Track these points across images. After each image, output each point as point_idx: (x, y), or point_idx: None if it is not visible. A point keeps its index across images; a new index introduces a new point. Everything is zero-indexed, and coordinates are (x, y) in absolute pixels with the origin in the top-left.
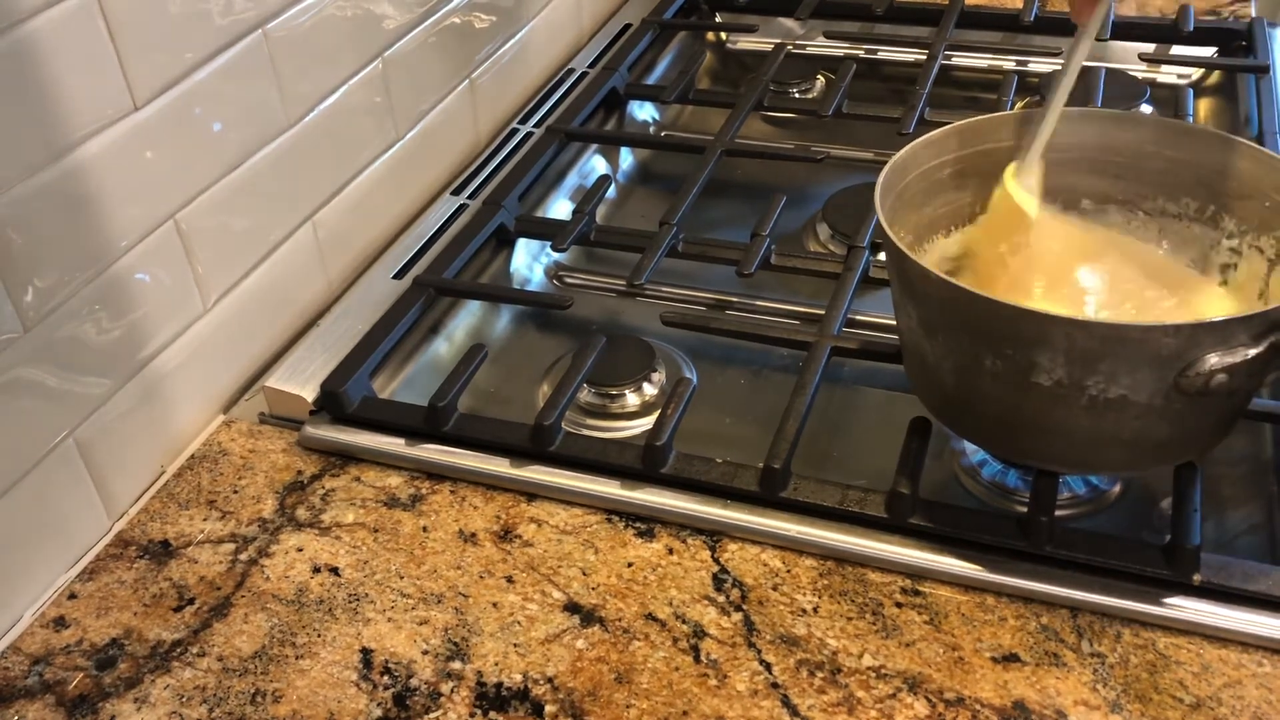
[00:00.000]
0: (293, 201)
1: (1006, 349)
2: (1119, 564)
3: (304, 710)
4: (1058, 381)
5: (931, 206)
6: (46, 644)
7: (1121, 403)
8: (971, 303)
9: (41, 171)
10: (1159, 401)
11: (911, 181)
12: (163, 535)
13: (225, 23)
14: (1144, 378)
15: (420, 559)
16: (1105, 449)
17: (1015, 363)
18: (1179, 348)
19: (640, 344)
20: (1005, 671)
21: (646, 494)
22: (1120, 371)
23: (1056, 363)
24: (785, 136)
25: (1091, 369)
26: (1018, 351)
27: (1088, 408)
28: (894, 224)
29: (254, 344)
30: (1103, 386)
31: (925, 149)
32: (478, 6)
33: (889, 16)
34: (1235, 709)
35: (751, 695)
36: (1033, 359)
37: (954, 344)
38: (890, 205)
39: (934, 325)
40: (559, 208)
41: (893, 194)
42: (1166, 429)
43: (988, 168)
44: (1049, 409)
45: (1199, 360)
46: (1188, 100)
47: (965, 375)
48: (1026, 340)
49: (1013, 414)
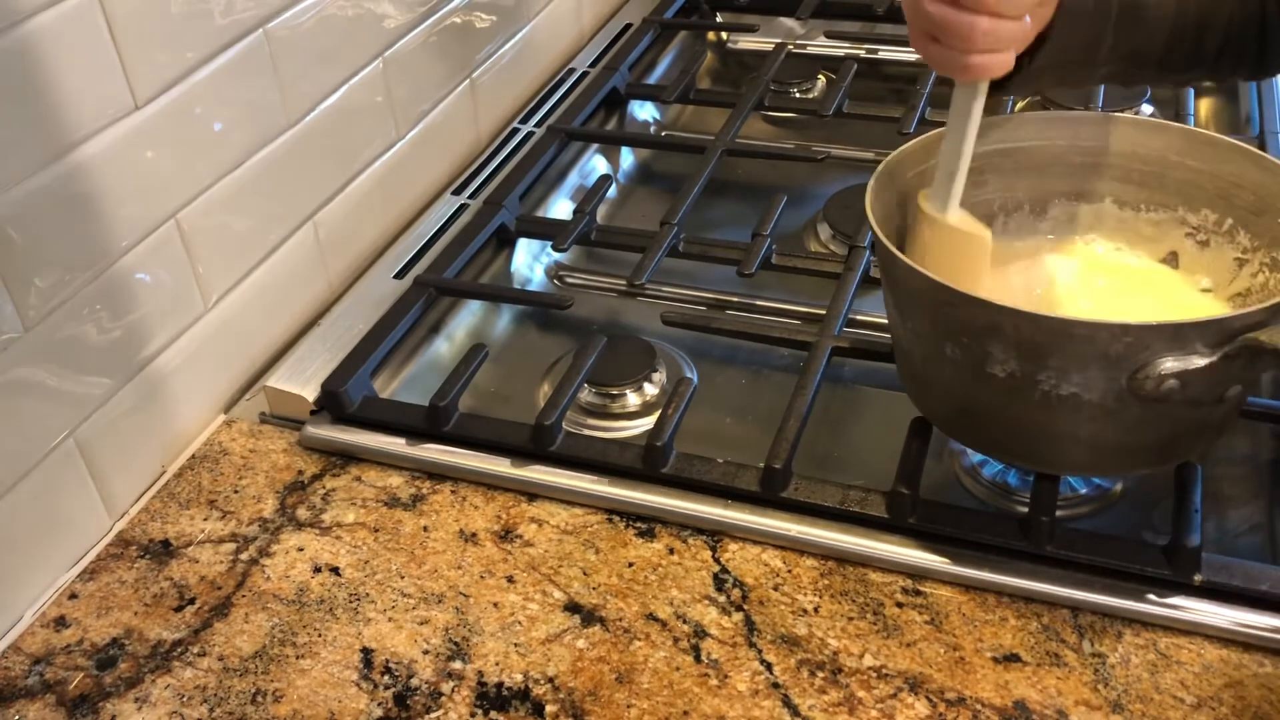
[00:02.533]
0: (293, 201)
1: (963, 338)
2: (1120, 564)
3: (304, 710)
4: (1011, 374)
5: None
6: (47, 644)
7: (1075, 401)
8: (933, 289)
9: (42, 171)
10: (1113, 403)
11: (909, 181)
12: (163, 535)
13: (226, 22)
14: (1094, 377)
15: (421, 559)
16: (1063, 447)
17: (972, 352)
18: (1128, 349)
19: (641, 344)
20: (1006, 671)
21: (647, 494)
22: (1070, 368)
23: (1009, 354)
24: (786, 136)
25: (1042, 363)
26: (973, 341)
27: (1041, 403)
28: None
29: (254, 344)
30: (1054, 382)
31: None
32: (478, 6)
33: (890, 16)
34: (1236, 709)
35: (752, 695)
36: (986, 349)
37: (921, 331)
38: (884, 200)
39: (906, 312)
40: (559, 207)
41: (890, 189)
42: (1126, 433)
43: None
44: (1005, 402)
45: (1151, 364)
46: (1188, 100)
47: (930, 364)
48: (979, 329)
49: (974, 404)
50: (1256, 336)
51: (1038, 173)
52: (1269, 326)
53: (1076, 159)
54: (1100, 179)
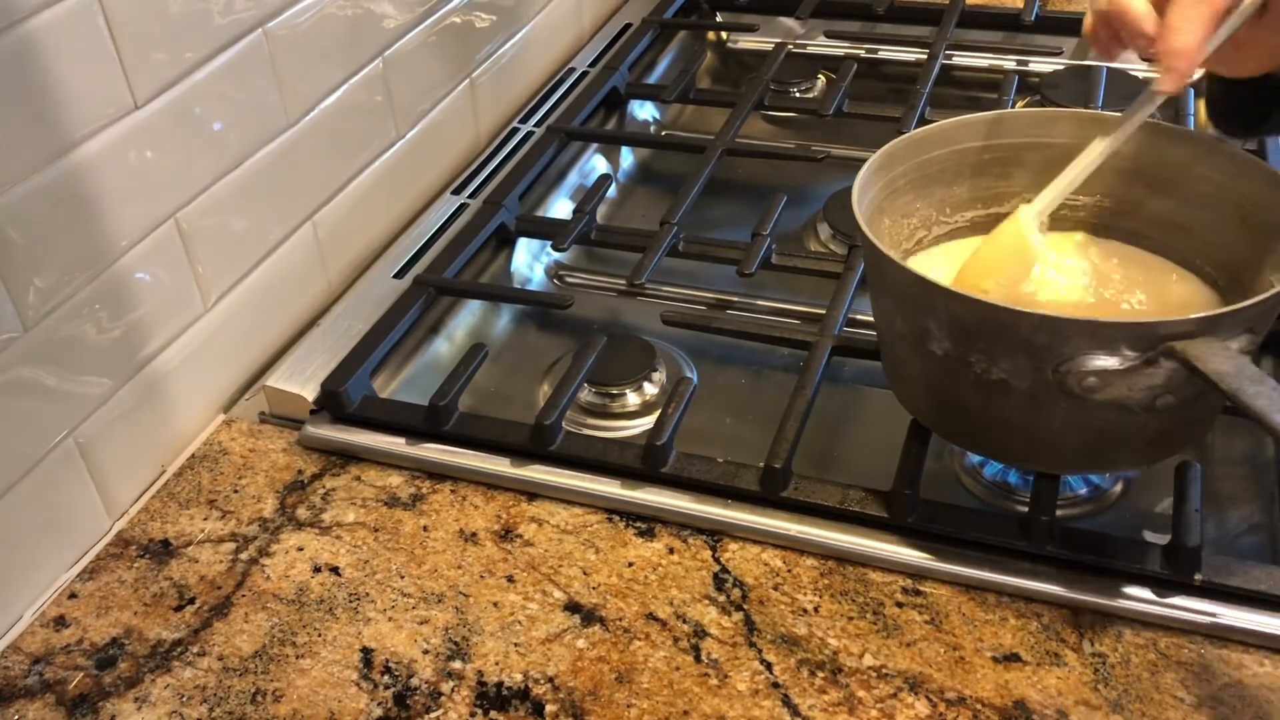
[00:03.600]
0: (293, 201)
1: (908, 312)
2: (1120, 564)
3: (304, 710)
4: (946, 352)
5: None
6: (47, 643)
7: (1005, 387)
8: (885, 266)
9: (42, 171)
10: (1042, 395)
11: (897, 175)
12: (163, 535)
13: (225, 22)
14: (1021, 364)
15: (421, 558)
16: (997, 433)
17: (915, 328)
18: (1050, 340)
19: (641, 343)
20: (1006, 671)
21: (647, 493)
22: (999, 353)
23: (943, 333)
24: (786, 136)
25: (971, 345)
26: (915, 316)
27: (975, 386)
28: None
29: (254, 343)
30: (985, 366)
31: (908, 146)
32: (478, 6)
33: (890, 16)
34: (1236, 709)
35: (752, 695)
36: (925, 325)
37: (882, 307)
38: (873, 197)
39: (875, 290)
40: (559, 207)
41: (878, 184)
42: (1058, 428)
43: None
44: (944, 379)
45: (1074, 359)
46: (1188, 100)
47: (887, 341)
48: (918, 305)
49: (921, 381)
50: (1174, 345)
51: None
52: (1199, 338)
53: (1107, 160)
54: (1129, 184)
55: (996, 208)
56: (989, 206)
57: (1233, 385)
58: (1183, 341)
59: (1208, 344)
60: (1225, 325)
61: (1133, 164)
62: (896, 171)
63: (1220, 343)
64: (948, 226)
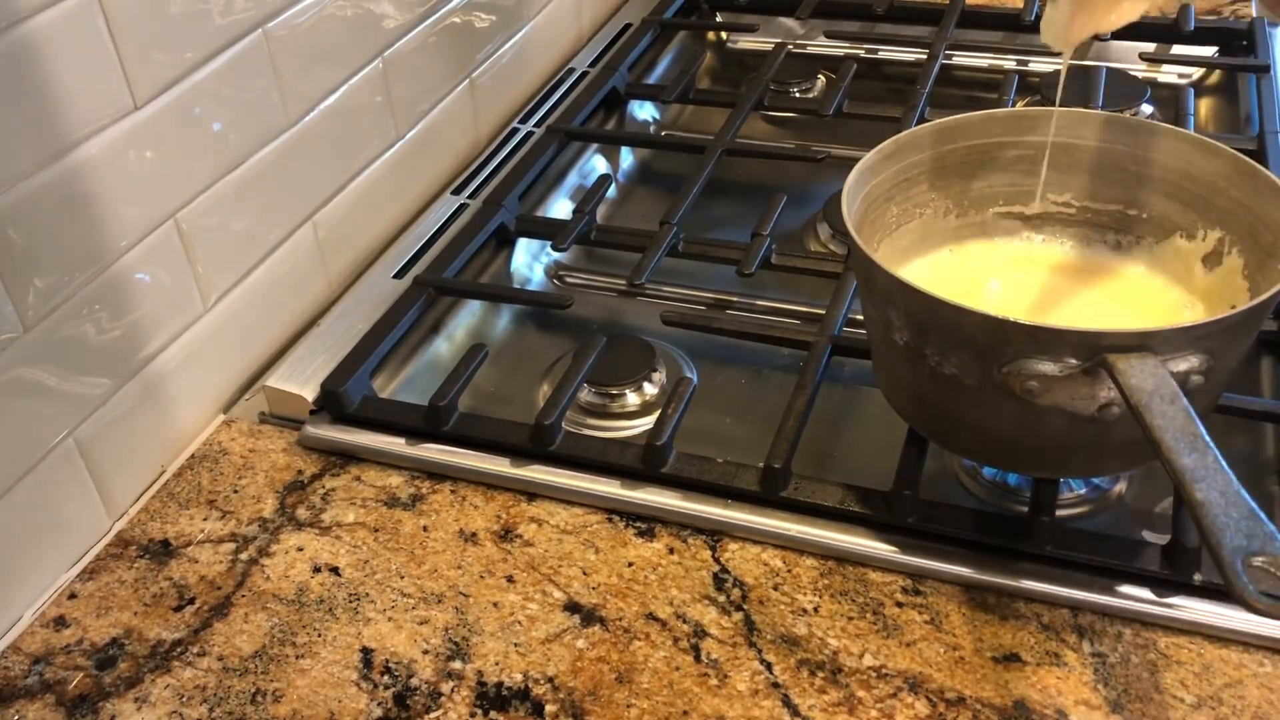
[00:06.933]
0: (293, 201)
1: (876, 301)
2: (1119, 564)
3: (304, 710)
4: (906, 343)
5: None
6: (46, 643)
7: (955, 382)
8: (859, 256)
9: (41, 171)
10: (990, 394)
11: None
12: (163, 535)
13: (225, 22)
14: (969, 361)
15: (421, 559)
16: (953, 427)
17: (883, 315)
18: (993, 340)
19: (640, 344)
20: (1006, 671)
21: (647, 494)
22: (949, 349)
23: (902, 323)
24: (786, 136)
25: (925, 337)
26: (880, 305)
27: (931, 378)
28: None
29: (254, 344)
30: (937, 360)
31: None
32: (478, 6)
33: (889, 16)
34: (1236, 709)
35: (752, 695)
36: (888, 315)
37: (862, 298)
38: (865, 197)
39: (858, 282)
40: (559, 207)
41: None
42: (1009, 429)
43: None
44: (906, 369)
45: (1017, 361)
46: (1188, 100)
47: (870, 334)
48: (881, 295)
49: (891, 369)
50: (1108, 357)
51: (1090, 175)
52: (1136, 351)
53: (1132, 167)
54: (1151, 192)
55: (1020, 205)
56: (1011, 204)
57: (1142, 402)
58: (1115, 354)
59: (1140, 359)
60: (1169, 341)
61: (1155, 172)
62: (909, 161)
63: (1153, 360)
64: (969, 222)
